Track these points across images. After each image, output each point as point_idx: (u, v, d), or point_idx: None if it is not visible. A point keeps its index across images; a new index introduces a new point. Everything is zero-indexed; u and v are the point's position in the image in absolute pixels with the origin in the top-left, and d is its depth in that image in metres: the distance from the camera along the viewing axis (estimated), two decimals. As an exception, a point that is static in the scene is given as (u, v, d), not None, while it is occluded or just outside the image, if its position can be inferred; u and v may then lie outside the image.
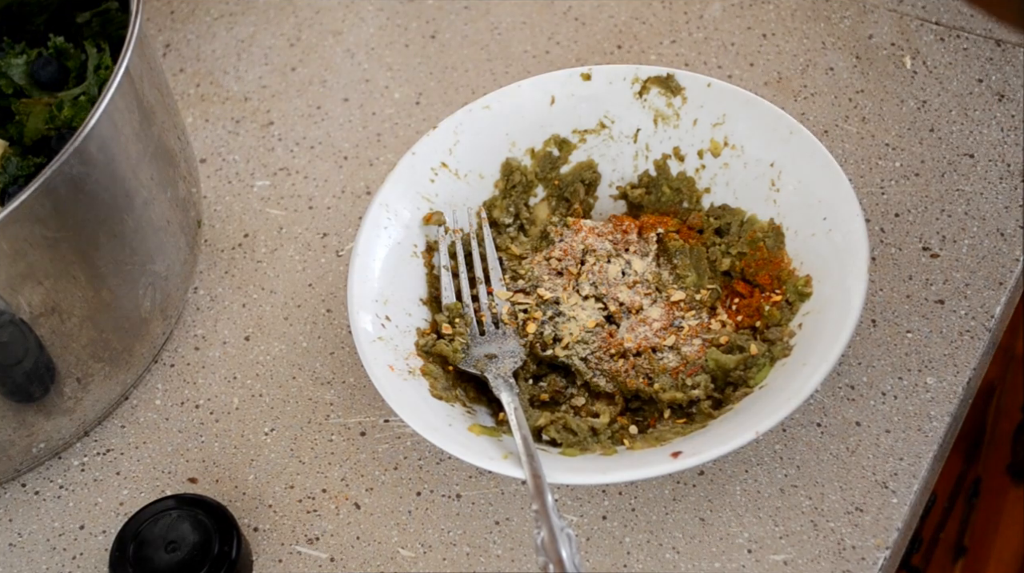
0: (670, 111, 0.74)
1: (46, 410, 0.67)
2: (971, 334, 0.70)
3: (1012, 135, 0.78)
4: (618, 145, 0.76)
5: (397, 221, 0.71)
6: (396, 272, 0.70)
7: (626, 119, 0.75)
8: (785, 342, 0.66)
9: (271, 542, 0.68)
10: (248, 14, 0.94)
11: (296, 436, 0.71)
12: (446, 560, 0.66)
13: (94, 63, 0.73)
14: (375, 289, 0.68)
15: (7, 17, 0.77)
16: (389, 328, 0.67)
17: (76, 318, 0.64)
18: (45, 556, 0.69)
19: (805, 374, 0.62)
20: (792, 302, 0.68)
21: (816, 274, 0.68)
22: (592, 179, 0.76)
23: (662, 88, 0.74)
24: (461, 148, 0.74)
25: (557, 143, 0.75)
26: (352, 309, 0.67)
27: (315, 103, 0.87)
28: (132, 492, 0.70)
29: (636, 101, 0.75)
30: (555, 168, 0.76)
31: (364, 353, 0.65)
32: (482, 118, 0.74)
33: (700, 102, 0.74)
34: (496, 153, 0.75)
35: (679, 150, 0.75)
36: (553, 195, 0.76)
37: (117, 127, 0.62)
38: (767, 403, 0.62)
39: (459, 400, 0.67)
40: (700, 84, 0.73)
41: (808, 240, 0.69)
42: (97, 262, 0.64)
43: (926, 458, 0.66)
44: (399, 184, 0.72)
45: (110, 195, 0.63)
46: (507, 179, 0.75)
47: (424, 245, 0.72)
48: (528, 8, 0.90)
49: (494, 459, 0.61)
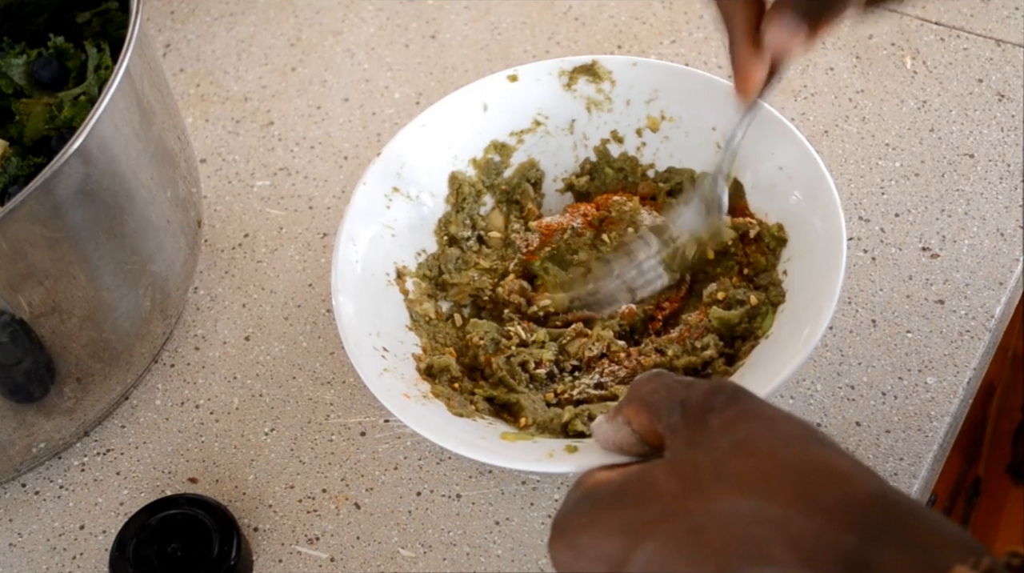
0: (601, 96, 0.75)
1: (46, 410, 0.67)
2: (971, 334, 0.70)
3: (1012, 135, 0.78)
4: (556, 139, 0.76)
5: (365, 253, 0.70)
6: (378, 304, 0.69)
7: (559, 112, 0.75)
8: (778, 287, 0.67)
9: (271, 542, 0.68)
10: (248, 14, 0.94)
11: (296, 436, 0.71)
12: (446, 560, 0.66)
13: (94, 63, 0.73)
14: (366, 325, 0.67)
15: (7, 17, 0.77)
16: (390, 358, 0.66)
17: (76, 318, 0.64)
18: (45, 556, 0.69)
19: (809, 319, 0.62)
20: (774, 248, 0.68)
21: (788, 221, 0.68)
22: (536, 177, 0.76)
23: (589, 76, 0.74)
24: (408, 170, 0.73)
25: (497, 148, 0.75)
26: (350, 348, 0.65)
27: (315, 103, 0.87)
28: (132, 492, 0.70)
29: (566, 93, 0.75)
30: (499, 173, 0.76)
31: (376, 387, 0.63)
32: (420, 137, 0.73)
33: (629, 82, 0.74)
34: (441, 169, 0.74)
35: (617, 132, 0.75)
36: (502, 201, 0.76)
37: (117, 127, 0.62)
38: (778, 353, 0.62)
39: (478, 414, 0.66)
40: (625, 65, 0.74)
41: (769, 191, 0.69)
42: (97, 262, 0.64)
43: (926, 458, 0.66)
44: (359, 215, 0.71)
45: (110, 195, 0.63)
46: (456, 193, 0.74)
47: (395, 273, 0.71)
48: (528, 8, 0.90)
49: (540, 460, 0.60)
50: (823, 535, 0.37)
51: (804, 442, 0.41)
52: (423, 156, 0.74)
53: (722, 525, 0.39)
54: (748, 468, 0.40)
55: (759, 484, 0.40)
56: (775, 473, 0.40)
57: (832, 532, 0.37)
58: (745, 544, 0.38)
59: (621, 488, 0.43)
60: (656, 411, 0.46)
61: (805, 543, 0.37)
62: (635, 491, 0.42)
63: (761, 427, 0.42)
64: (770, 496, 0.39)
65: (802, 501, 0.39)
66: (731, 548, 0.38)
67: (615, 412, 0.48)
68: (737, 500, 0.39)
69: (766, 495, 0.39)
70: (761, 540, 0.38)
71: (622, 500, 0.42)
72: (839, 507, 0.38)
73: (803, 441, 0.41)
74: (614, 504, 0.43)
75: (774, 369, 0.61)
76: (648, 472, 0.43)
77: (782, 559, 0.37)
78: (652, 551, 0.40)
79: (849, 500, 0.38)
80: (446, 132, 0.74)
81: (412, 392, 0.65)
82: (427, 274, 0.72)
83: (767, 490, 0.39)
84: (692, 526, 0.40)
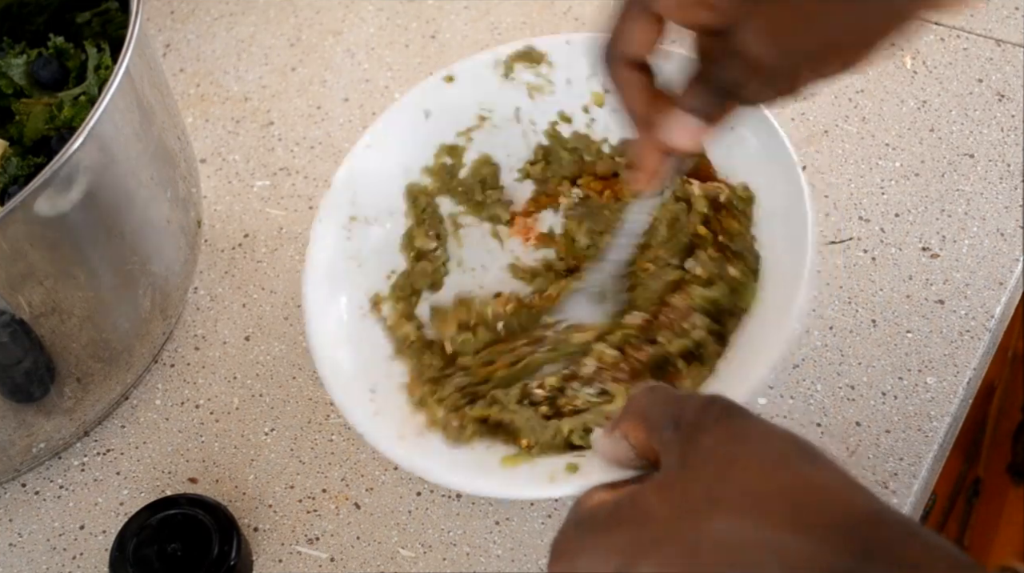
0: (541, 80, 0.74)
1: (46, 410, 0.67)
2: (971, 334, 0.70)
3: (1012, 135, 0.78)
4: (504, 131, 0.75)
5: (335, 291, 0.69)
6: (359, 340, 0.68)
7: (502, 103, 0.74)
8: (753, 252, 0.66)
9: (271, 542, 0.68)
10: (248, 14, 0.94)
11: (296, 436, 0.71)
12: (446, 560, 0.66)
13: (94, 63, 0.73)
14: (349, 369, 0.66)
15: (7, 17, 0.77)
16: (378, 400, 0.66)
17: (76, 318, 0.64)
18: (45, 556, 0.69)
19: (790, 286, 0.62)
20: (743, 210, 0.68)
21: (750, 180, 0.67)
22: (491, 172, 0.75)
23: (525, 61, 0.73)
24: (361, 195, 0.72)
25: (447, 151, 0.74)
26: (339, 400, 0.64)
27: (315, 103, 0.87)
28: (132, 492, 0.70)
29: (505, 82, 0.74)
30: (454, 176, 0.75)
31: (369, 435, 0.63)
32: (368, 158, 0.72)
33: (565, 62, 0.73)
34: (395, 186, 0.73)
35: (564, 113, 0.74)
36: (464, 202, 0.75)
37: (117, 127, 0.62)
38: (768, 329, 0.62)
39: (476, 437, 0.65)
40: (559, 44, 0.73)
41: (728, 151, 0.68)
42: (97, 262, 0.64)
43: (926, 458, 0.66)
44: (322, 253, 0.70)
45: (110, 195, 0.63)
46: (415, 205, 0.74)
47: (369, 303, 0.70)
48: (528, 8, 0.90)
49: (542, 485, 0.61)
50: (816, 557, 0.38)
51: (796, 461, 0.41)
52: (374, 177, 0.72)
53: (715, 548, 0.39)
54: (739, 491, 0.40)
55: (750, 506, 0.40)
56: (767, 494, 0.40)
57: (825, 553, 0.38)
58: (738, 567, 0.39)
59: (614, 512, 0.43)
60: (651, 426, 0.46)
61: (799, 566, 0.38)
62: (628, 516, 0.43)
63: (751, 447, 0.42)
64: (762, 518, 0.39)
65: (794, 523, 0.39)
66: (724, 571, 0.39)
67: (613, 426, 0.48)
68: (729, 522, 0.40)
69: (758, 517, 0.39)
70: (754, 563, 0.38)
71: (616, 524, 0.43)
72: (832, 527, 0.38)
73: (795, 459, 0.41)
74: (609, 528, 0.43)
75: (765, 348, 0.61)
76: (641, 495, 0.43)
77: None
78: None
79: (841, 520, 0.38)
80: (393, 147, 0.73)
81: (407, 431, 0.64)
82: (400, 295, 0.71)
83: (759, 512, 0.40)
84: (685, 550, 0.40)
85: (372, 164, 0.72)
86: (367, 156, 0.72)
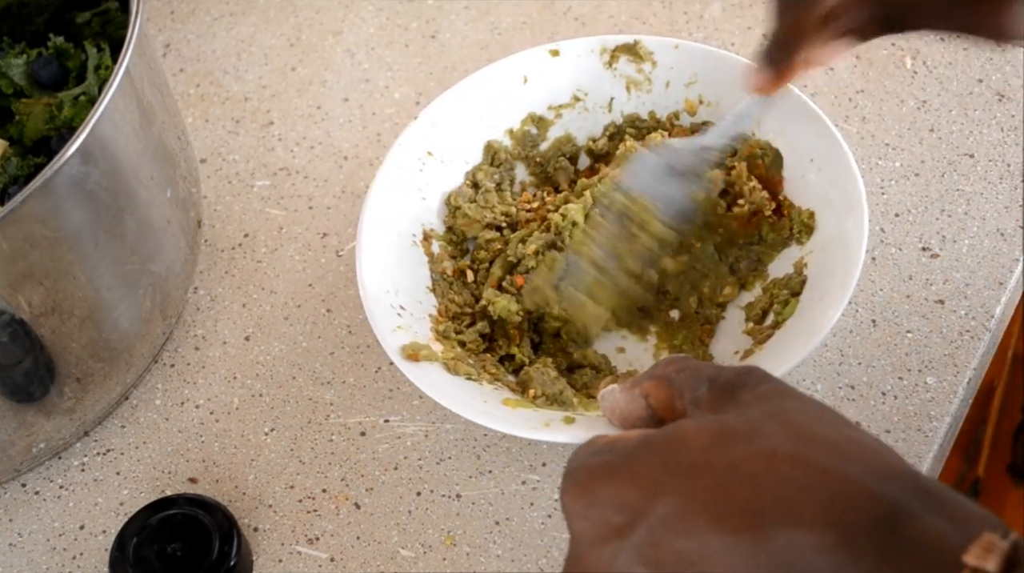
0: (641, 77, 0.75)
1: (46, 410, 0.67)
2: (971, 334, 0.70)
3: (1012, 135, 0.78)
4: (593, 116, 0.76)
5: (393, 213, 0.71)
6: (401, 263, 0.70)
7: (599, 90, 0.76)
8: (800, 276, 0.67)
9: (271, 542, 0.68)
10: (248, 14, 0.94)
11: (296, 436, 0.71)
12: (446, 560, 0.66)
13: (94, 63, 0.73)
14: (385, 280, 0.68)
15: (7, 17, 0.77)
16: (405, 317, 0.67)
17: (76, 318, 0.64)
18: (45, 556, 0.69)
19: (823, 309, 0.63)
20: (798, 234, 0.69)
21: (816, 211, 0.68)
22: (573, 153, 0.77)
23: (630, 55, 0.74)
24: (442, 137, 0.74)
25: (534, 121, 0.76)
26: (367, 302, 0.66)
27: (315, 103, 0.87)
28: (132, 492, 0.70)
29: (607, 71, 0.75)
30: (535, 146, 0.76)
31: (387, 342, 0.65)
32: (456, 106, 0.74)
33: (670, 64, 0.74)
34: (476, 138, 0.75)
35: (655, 114, 0.75)
36: (535, 173, 0.76)
37: (117, 127, 0.62)
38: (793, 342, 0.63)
39: (485, 377, 0.66)
40: (667, 47, 0.74)
41: (799, 182, 0.69)
42: (97, 262, 0.64)
43: (926, 458, 0.66)
44: (390, 175, 0.72)
45: (110, 195, 0.63)
46: (492, 159, 0.75)
47: (422, 234, 0.72)
48: (528, 8, 0.90)
49: (537, 429, 0.61)
50: (855, 500, 0.37)
51: (837, 421, 0.41)
52: (458, 124, 0.74)
53: (751, 483, 0.39)
54: (782, 434, 0.40)
55: (793, 448, 0.39)
56: (809, 440, 0.40)
57: (865, 498, 0.37)
58: (774, 504, 0.38)
59: (645, 440, 0.42)
60: (678, 387, 0.46)
61: (837, 506, 0.37)
62: (661, 443, 0.42)
63: (794, 403, 0.42)
64: (803, 461, 0.39)
65: (835, 468, 0.38)
66: (758, 507, 0.38)
67: (633, 384, 0.48)
68: (769, 461, 0.39)
69: (799, 460, 0.39)
70: (790, 500, 0.38)
71: (647, 451, 0.42)
72: (872, 476, 0.38)
73: (836, 420, 0.41)
74: (638, 455, 0.42)
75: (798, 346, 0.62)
76: (675, 428, 0.42)
77: (811, 521, 0.37)
78: (673, 504, 0.39)
79: (881, 471, 0.38)
80: (482, 102, 0.75)
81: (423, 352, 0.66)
82: (453, 239, 0.73)
83: (800, 455, 0.39)
84: (719, 482, 0.39)
85: (458, 111, 0.74)
86: (455, 103, 0.74)
